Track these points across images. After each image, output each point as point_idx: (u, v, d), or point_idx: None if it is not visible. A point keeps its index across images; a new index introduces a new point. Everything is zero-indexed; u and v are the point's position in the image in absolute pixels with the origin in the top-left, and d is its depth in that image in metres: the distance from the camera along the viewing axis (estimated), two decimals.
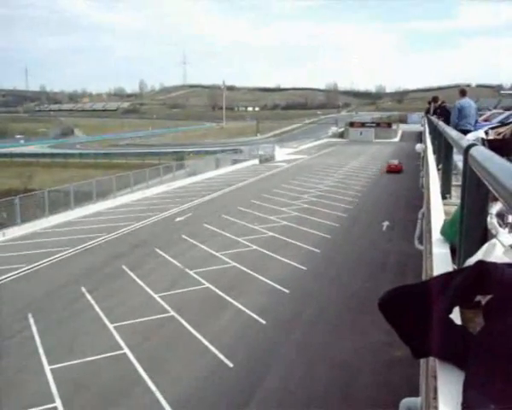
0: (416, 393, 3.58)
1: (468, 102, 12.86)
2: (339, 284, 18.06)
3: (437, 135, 9.89)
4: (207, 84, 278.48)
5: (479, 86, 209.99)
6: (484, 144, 4.66)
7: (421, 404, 2.52)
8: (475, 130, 12.08)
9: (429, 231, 3.75)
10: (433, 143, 12.49)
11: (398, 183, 40.43)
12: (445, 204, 4.77)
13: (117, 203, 34.81)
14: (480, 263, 1.43)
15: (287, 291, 17.35)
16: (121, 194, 36.79)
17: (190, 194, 37.58)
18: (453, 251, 2.83)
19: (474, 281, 1.41)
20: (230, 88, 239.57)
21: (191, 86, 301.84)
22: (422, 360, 2.56)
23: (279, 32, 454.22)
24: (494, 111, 28.99)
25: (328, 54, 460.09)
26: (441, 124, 8.83)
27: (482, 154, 2.04)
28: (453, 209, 4.69)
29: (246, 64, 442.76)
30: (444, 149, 6.09)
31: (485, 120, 22.36)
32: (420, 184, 22.87)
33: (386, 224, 25.95)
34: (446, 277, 1.51)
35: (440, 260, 2.72)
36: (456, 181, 5.64)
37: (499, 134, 6.32)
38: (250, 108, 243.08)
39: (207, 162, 54.20)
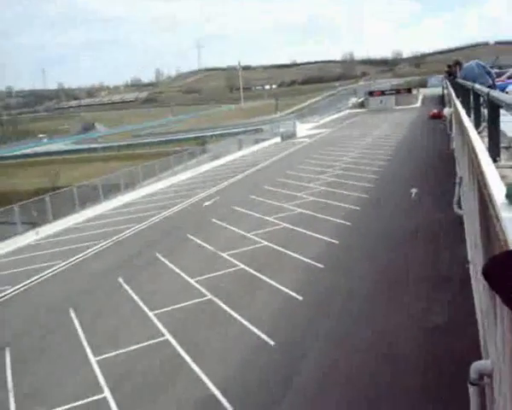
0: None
1: (469, 66, 12.69)
2: (372, 256, 17.99)
3: (474, 97, 9.60)
4: (223, 66, 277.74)
5: (498, 43, 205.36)
6: None
7: (491, 366, 2.54)
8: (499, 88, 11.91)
9: (489, 197, 3.71)
10: (464, 106, 12.28)
11: (424, 148, 39.94)
12: (497, 167, 4.71)
13: (144, 193, 35.17)
14: None
15: (321, 266, 17.36)
16: (148, 183, 37.14)
17: (216, 177, 37.72)
18: None
19: None
20: (246, 68, 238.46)
21: (207, 70, 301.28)
22: (485, 324, 2.57)
23: (291, 8, 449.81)
24: None
25: (341, 24, 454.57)
26: (479, 86, 8.63)
27: None
28: (507, 172, 4.65)
29: (260, 43, 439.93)
30: (489, 112, 5.97)
31: (510, 78, 21.96)
32: (450, 148, 22.60)
33: (414, 191, 25.69)
34: None
35: None
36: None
37: None
38: (267, 87, 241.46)
39: (230, 144, 54.26)
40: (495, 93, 5.66)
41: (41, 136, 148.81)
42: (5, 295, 18.45)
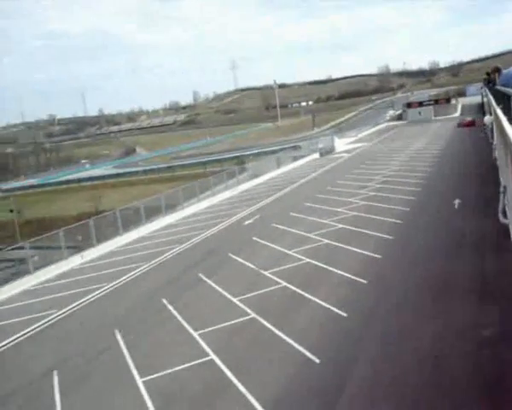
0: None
1: (509, 73, 12.46)
2: (416, 269, 17.69)
3: None
4: (258, 85, 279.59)
5: None
6: None
7: None
8: None
9: None
10: (506, 113, 12.03)
11: (465, 158, 39.28)
12: None
13: (186, 214, 35.50)
14: None
15: (364, 281, 17.15)
16: (189, 204, 37.46)
17: (256, 196, 37.83)
18: None
19: None
20: (282, 86, 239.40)
21: (243, 90, 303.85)
22: None
23: (324, 24, 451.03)
24: None
25: (377, 37, 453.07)
26: None
27: None
28: None
29: (294, 61, 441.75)
30: None
31: None
32: (493, 157, 22.15)
33: (457, 201, 25.23)
34: None
35: None
36: None
37: None
38: (304, 103, 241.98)
39: (268, 162, 54.38)
40: None
41: (83, 161, 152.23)
42: (52, 319, 18.78)
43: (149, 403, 11.82)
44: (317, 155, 58.58)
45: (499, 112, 14.28)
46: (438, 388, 10.49)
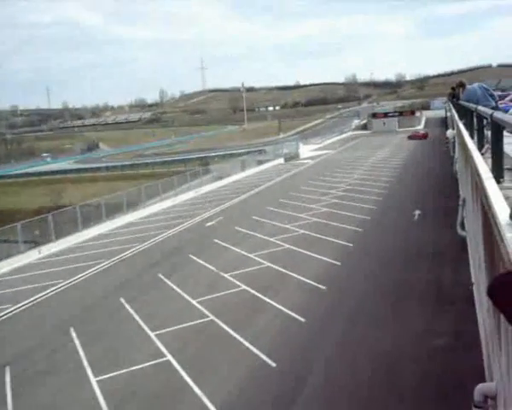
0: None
1: (472, 89, 12.76)
2: (374, 278, 17.94)
3: (478, 119, 9.61)
4: (226, 87, 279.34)
5: (500, 66, 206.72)
6: None
7: (496, 388, 2.52)
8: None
9: (493, 217, 3.71)
10: (468, 128, 12.30)
11: (427, 170, 39.99)
12: (501, 188, 4.71)
13: (147, 213, 35.18)
14: None
15: (323, 287, 17.30)
16: (151, 203, 37.15)
17: (219, 198, 37.75)
18: None
19: None
20: (250, 89, 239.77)
21: (211, 91, 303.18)
22: (489, 346, 2.55)
23: (294, 31, 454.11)
24: None
25: (345, 47, 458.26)
26: (482, 108, 8.65)
27: None
28: (511, 193, 4.64)
29: (264, 65, 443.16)
30: (493, 133, 5.97)
31: None
32: (453, 170, 22.61)
33: (417, 213, 25.67)
34: None
35: None
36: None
37: None
38: (271, 108, 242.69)
39: (233, 165, 54.37)
40: (498, 114, 5.66)
41: (45, 155, 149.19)
42: (6, 314, 18.38)
43: (102, 402, 11.67)
44: (281, 160, 58.81)
45: (461, 126, 14.59)
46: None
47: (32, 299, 19.54)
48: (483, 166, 6.09)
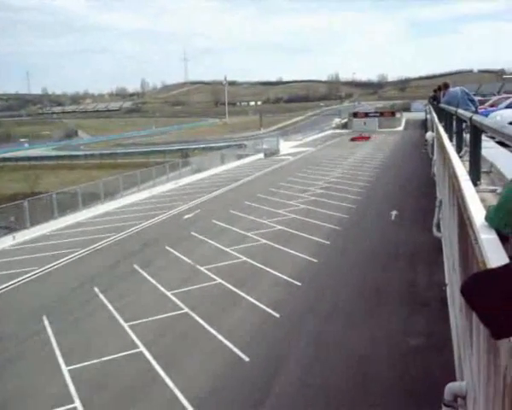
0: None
1: (454, 92, 12.92)
2: (350, 275, 18.07)
3: (457, 122, 9.69)
4: (209, 80, 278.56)
5: (481, 72, 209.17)
6: None
7: (466, 388, 2.54)
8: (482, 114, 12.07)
9: (468, 219, 3.75)
10: (447, 130, 12.41)
11: (405, 172, 40.33)
12: (477, 191, 4.77)
13: (125, 203, 34.91)
14: None
15: (299, 284, 17.37)
16: (128, 193, 36.92)
17: (197, 191, 37.63)
18: (500, 237, 2.86)
19: None
20: (232, 83, 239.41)
21: (193, 83, 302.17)
22: (461, 346, 2.58)
23: (278, 26, 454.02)
24: (499, 96, 28.85)
25: (329, 45, 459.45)
26: (462, 111, 8.73)
27: None
28: (487, 196, 4.70)
29: (247, 59, 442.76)
30: (472, 136, 6.03)
31: (492, 106, 22.29)
32: (431, 173, 22.87)
33: (394, 213, 25.90)
34: None
35: (491, 246, 2.75)
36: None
37: None
38: (252, 103, 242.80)
39: (212, 158, 54.20)
40: (478, 118, 5.73)
41: (22, 140, 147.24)
42: None
43: (73, 392, 11.57)
44: (261, 156, 58.78)
45: (441, 129, 14.74)
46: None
47: (4, 286, 19.26)
48: (461, 169, 6.15)
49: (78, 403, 11.14)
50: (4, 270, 21.17)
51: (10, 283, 19.58)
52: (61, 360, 13.12)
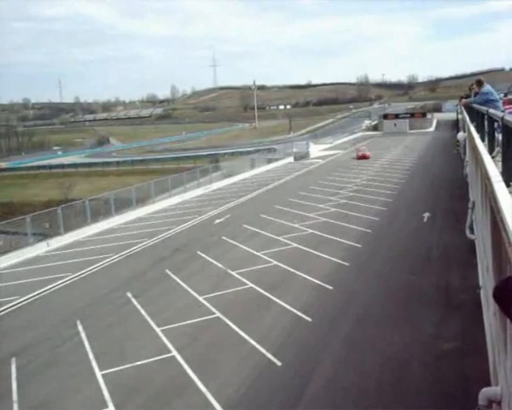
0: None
1: (489, 89, 12.70)
2: (382, 279, 17.88)
3: (489, 122, 9.45)
4: (238, 85, 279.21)
5: None
6: None
7: (501, 393, 2.49)
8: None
9: (501, 221, 3.68)
10: (479, 131, 12.21)
11: (437, 173, 39.83)
12: (510, 192, 4.66)
13: (156, 208, 35.22)
14: None
15: (330, 288, 17.27)
16: (160, 199, 37.19)
17: (228, 195, 37.77)
18: None
19: None
20: (261, 88, 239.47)
21: (222, 88, 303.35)
22: (495, 350, 2.53)
23: (307, 29, 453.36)
24: None
25: (357, 47, 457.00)
26: (493, 111, 8.55)
27: None
28: None
29: (275, 63, 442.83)
30: (504, 136, 5.91)
31: None
32: (464, 174, 22.53)
33: (426, 215, 25.59)
34: None
35: None
36: None
37: None
38: (282, 107, 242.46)
39: (243, 163, 54.29)
40: (510, 118, 5.61)
41: (56, 148, 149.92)
42: (13, 306, 18.46)
43: (107, 396, 11.70)
44: (291, 159, 58.74)
45: (472, 129, 14.51)
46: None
47: (39, 291, 19.61)
48: (493, 169, 6.04)
49: (111, 407, 11.25)
50: (39, 276, 21.55)
51: (45, 288, 19.92)
52: (94, 365, 13.27)
